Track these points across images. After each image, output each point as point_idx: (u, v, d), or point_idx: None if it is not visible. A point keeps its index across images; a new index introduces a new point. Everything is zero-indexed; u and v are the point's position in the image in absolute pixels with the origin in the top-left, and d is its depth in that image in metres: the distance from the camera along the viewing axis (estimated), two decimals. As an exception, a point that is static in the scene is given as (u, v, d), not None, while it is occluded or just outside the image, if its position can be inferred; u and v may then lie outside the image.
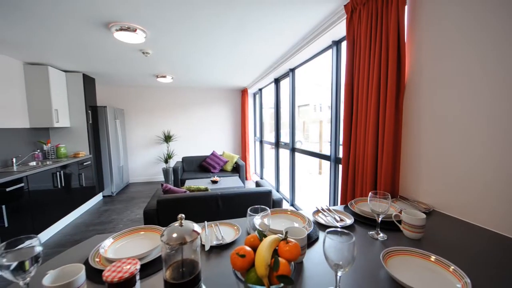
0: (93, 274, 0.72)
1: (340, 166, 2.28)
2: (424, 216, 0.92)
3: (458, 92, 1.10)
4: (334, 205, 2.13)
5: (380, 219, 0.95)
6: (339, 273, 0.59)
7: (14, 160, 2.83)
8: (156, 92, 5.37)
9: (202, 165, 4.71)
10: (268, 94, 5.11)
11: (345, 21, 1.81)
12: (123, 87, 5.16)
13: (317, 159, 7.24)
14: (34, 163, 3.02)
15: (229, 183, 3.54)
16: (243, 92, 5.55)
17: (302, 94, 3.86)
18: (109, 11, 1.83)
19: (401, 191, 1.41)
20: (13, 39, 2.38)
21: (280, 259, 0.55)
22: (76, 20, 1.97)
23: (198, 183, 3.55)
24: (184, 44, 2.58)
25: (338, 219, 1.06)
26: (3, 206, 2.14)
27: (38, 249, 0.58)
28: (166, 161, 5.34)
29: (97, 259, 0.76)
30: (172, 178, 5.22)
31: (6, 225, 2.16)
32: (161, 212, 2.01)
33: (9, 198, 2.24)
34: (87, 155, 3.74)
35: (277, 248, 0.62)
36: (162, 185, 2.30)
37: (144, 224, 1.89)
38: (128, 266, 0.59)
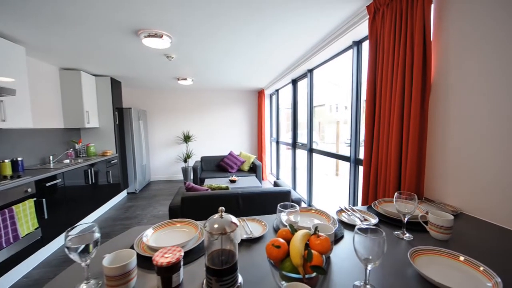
0: (139, 259, 0.80)
1: (360, 167, 2.27)
2: (452, 217, 0.91)
3: (486, 93, 1.08)
4: (354, 205, 2.12)
5: (406, 219, 0.95)
6: (369, 267, 0.62)
7: (51, 157, 3.08)
8: (176, 94, 5.57)
9: (220, 165, 4.82)
10: (285, 95, 5.13)
11: (367, 21, 1.81)
12: (146, 90, 5.41)
13: (333, 161, 7.13)
14: (67, 161, 3.26)
15: (246, 183, 3.60)
16: (260, 93, 5.61)
17: (318, 94, 3.84)
18: (139, 18, 1.96)
19: (426, 192, 1.40)
20: (51, 47, 2.60)
21: (312, 251, 0.59)
22: (109, 28, 2.13)
23: (217, 182, 3.65)
24: (205, 48, 2.68)
25: (362, 218, 1.08)
26: (43, 200, 2.34)
27: (97, 235, 0.66)
28: (185, 161, 5.53)
29: (141, 247, 0.84)
30: (191, 177, 5.40)
31: (46, 217, 2.37)
32: (185, 208, 2.11)
33: (48, 192, 2.45)
34: (113, 154, 3.98)
35: (307, 242, 0.66)
36: (185, 183, 2.41)
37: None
38: (174, 253, 0.65)
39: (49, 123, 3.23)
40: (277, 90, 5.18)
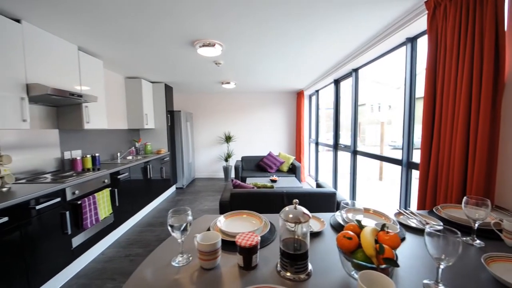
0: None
1: (414, 171, 2.15)
2: (533, 226, 0.85)
3: None
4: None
5: (476, 225, 0.91)
6: (442, 265, 0.64)
7: (118, 154, 3.58)
8: (219, 97, 5.91)
9: (259, 165, 4.96)
10: (326, 96, 5.03)
11: (425, 17, 1.73)
12: (193, 93, 5.86)
13: (376, 164, 6.70)
14: (130, 157, 3.74)
15: (287, 183, 3.66)
16: (299, 94, 5.60)
17: (359, 93, 3.67)
18: (196, 30, 2.18)
19: (497, 199, 1.28)
20: (120, 59, 3.04)
21: (384, 245, 0.63)
22: (170, 41, 2.41)
23: (258, 181, 3.77)
24: (250, 53, 2.83)
25: (424, 222, 1.05)
26: (116, 190, 2.75)
27: (190, 218, 0.81)
28: (226, 160, 5.82)
29: (215, 230, 0.98)
30: (232, 176, 5.66)
31: (117, 204, 2.77)
32: (233, 203, 2.27)
33: (118, 184, 2.86)
34: (166, 152, 4.42)
35: (376, 237, 0.70)
36: (232, 180, 2.58)
37: (220, 213, 2.17)
38: (253, 237, 0.76)
39: (117, 124, 3.76)
40: (317, 91, 5.11)
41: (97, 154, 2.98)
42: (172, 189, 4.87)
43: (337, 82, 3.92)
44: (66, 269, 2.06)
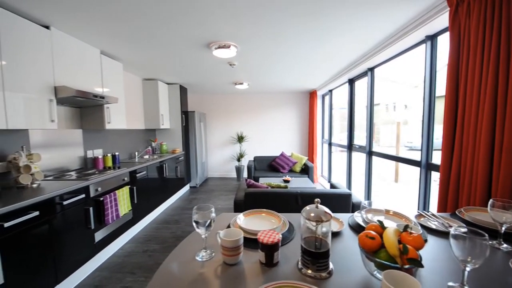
0: (235, 239, 0.96)
1: (433, 173, 2.08)
2: None
3: None
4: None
5: (503, 229, 0.89)
6: (468, 268, 0.63)
7: (136, 153, 3.71)
8: (232, 97, 5.98)
9: (272, 165, 4.97)
10: (339, 95, 4.97)
11: (446, 14, 1.68)
12: (206, 94, 5.96)
13: (392, 166, 6.52)
14: (147, 156, 3.87)
15: (300, 183, 3.64)
16: (312, 94, 5.56)
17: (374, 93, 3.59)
18: (212, 33, 2.23)
19: (525, 204, 1.22)
20: (138, 62, 3.15)
21: (407, 245, 0.63)
22: (187, 43, 2.47)
23: (271, 181, 3.79)
24: (264, 53, 2.85)
25: (447, 224, 1.03)
26: (134, 187, 2.85)
27: (213, 215, 0.84)
28: (238, 160, 5.87)
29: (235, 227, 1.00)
30: (244, 175, 5.71)
31: (135, 201, 2.88)
32: (247, 202, 2.30)
33: (137, 182, 2.97)
34: (181, 152, 4.53)
35: (398, 238, 0.70)
36: (246, 180, 2.61)
37: (234, 212, 2.21)
38: (274, 235, 0.78)
39: (135, 124, 3.90)
40: (330, 91, 5.06)
41: (117, 153, 3.11)
42: (186, 187, 4.98)
43: (351, 82, 3.86)
44: (89, 262, 2.17)
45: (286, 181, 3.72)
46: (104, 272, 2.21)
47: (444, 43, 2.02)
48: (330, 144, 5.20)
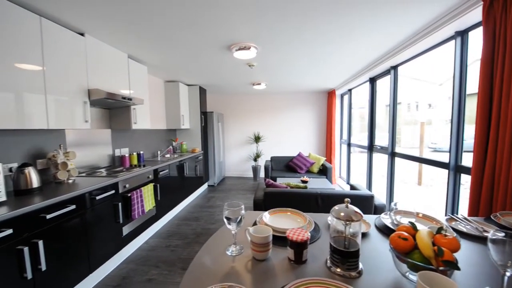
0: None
1: (463, 176, 1.99)
2: None
3: None
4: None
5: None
6: (508, 273, 0.61)
7: (158, 152, 3.87)
8: (249, 97, 6.04)
9: (289, 165, 4.96)
10: (359, 95, 4.85)
11: (479, 9, 1.60)
12: (224, 95, 6.07)
13: (414, 167, 6.24)
14: (168, 155, 4.01)
15: (318, 184, 3.60)
16: (330, 93, 5.47)
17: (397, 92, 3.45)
18: (233, 35, 2.28)
19: None
20: (161, 65, 3.28)
21: (442, 248, 0.62)
22: (209, 46, 2.54)
23: (289, 181, 3.78)
24: (284, 54, 2.85)
25: (481, 229, 0.99)
26: (158, 185, 2.98)
27: (243, 212, 0.87)
28: (255, 160, 5.92)
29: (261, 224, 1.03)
30: (260, 175, 5.74)
31: (158, 198, 3.00)
32: (267, 202, 2.32)
33: (160, 180, 3.10)
34: (200, 151, 4.65)
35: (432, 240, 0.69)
36: (265, 179, 2.63)
37: (254, 211, 2.24)
38: (303, 233, 0.80)
39: (157, 124, 4.06)
40: (349, 90, 4.95)
41: (141, 152, 3.27)
42: (204, 186, 5.10)
43: (373, 80, 3.76)
44: (118, 254, 2.31)
45: (304, 182, 3.69)
46: (130, 264, 2.34)
47: (476, 39, 1.92)
48: (349, 145, 5.08)
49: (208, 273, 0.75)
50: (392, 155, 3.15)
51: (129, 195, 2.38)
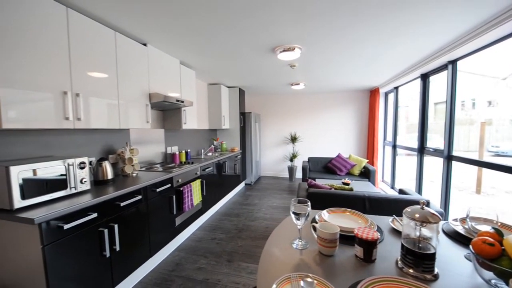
0: (322, 234, 1.02)
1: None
2: None
3: None
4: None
5: None
6: None
7: (202, 150, 4.13)
8: (286, 98, 6.05)
9: (327, 166, 4.85)
10: (407, 93, 4.51)
11: None
12: (261, 95, 6.18)
13: (472, 174, 5.55)
14: (210, 154, 4.26)
15: (360, 187, 3.46)
16: (373, 91, 5.19)
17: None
18: (278, 38, 2.33)
19: None
20: (207, 69, 3.49)
21: (539, 256, 0.59)
22: (253, 49, 2.64)
23: (332, 183, 3.70)
24: (327, 56, 2.82)
25: None
26: (204, 181, 3.19)
27: (309, 209, 0.92)
28: (291, 160, 5.91)
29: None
30: (296, 176, 5.71)
31: (204, 193, 3.22)
32: (311, 202, 2.32)
33: (204, 177, 3.31)
34: (238, 151, 4.83)
35: (522, 248, 0.65)
36: (307, 180, 2.64)
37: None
38: (371, 232, 0.81)
39: (202, 125, 4.34)
40: (396, 88, 4.63)
41: (188, 150, 3.53)
42: (242, 184, 5.27)
43: (425, 77, 3.48)
44: (171, 242, 2.54)
45: (346, 184, 3.58)
46: (182, 252, 2.56)
47: None
48: (394, 147, 4.76)
49: (280, 262, 0.81)
50: (449, 158, 2.88)
51: (181, 189, 2.61)
